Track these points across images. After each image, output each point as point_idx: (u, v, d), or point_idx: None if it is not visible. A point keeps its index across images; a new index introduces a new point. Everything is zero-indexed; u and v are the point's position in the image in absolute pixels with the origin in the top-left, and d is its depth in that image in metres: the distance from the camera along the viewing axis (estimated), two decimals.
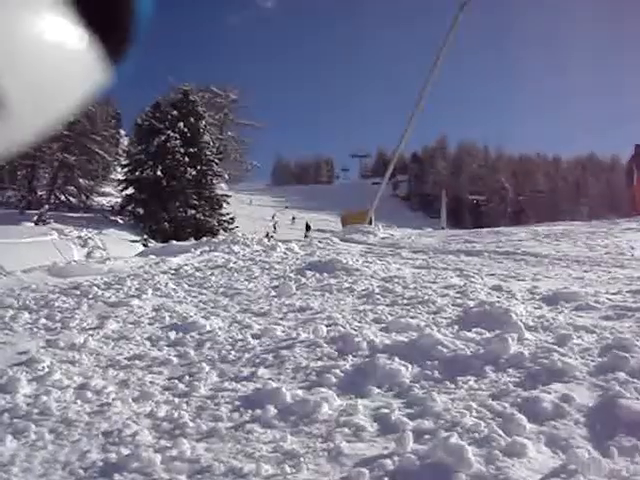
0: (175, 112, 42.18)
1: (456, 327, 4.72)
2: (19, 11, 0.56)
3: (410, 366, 3.73)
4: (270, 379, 3.73)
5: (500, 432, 2.70)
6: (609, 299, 5.54)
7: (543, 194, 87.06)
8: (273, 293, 6.72)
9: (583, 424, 2.80)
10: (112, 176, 49.21)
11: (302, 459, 2.64)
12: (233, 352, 4.39)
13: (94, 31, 0.62)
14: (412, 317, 5.16)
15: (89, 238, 27.49)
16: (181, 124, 41.60)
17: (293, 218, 64.86)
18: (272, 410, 3.16)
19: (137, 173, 41.93)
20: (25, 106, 0.60)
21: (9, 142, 0.62)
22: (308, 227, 40.06)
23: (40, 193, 41.98)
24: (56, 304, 6.18)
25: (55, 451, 2.85)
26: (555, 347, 3.88)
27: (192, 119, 42.55)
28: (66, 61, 0.62)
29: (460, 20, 22.67)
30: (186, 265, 9.17)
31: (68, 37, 0.61)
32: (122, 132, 60.21)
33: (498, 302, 5.40)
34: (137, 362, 4.29)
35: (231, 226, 42.84)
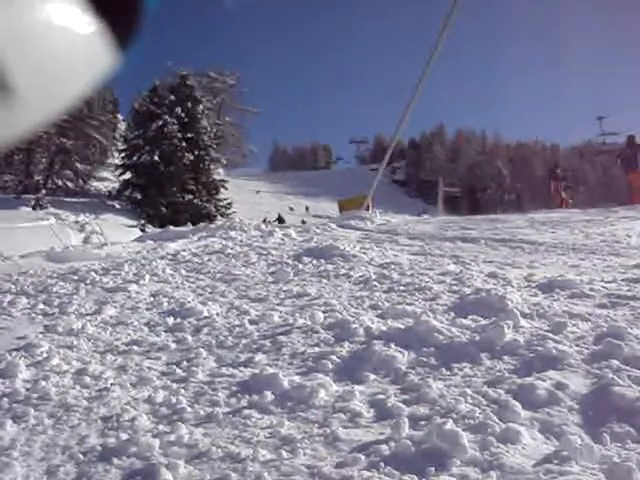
0: (173, 97, 42.08)
1: (452, 314, 4.74)
2: None
3: (406, 352, 3.76)
4: (267, 365, 3.77)
5: (495, 419, 2.73)
6: (604, 287, 5.56)
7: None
8: (270, 279, 6.74)
9: (576, 411, 2.84)
10: (109, 161, 49.02)
11: (299, 444, 2.67)
12: (230, 338, 4.41)
13: (102, 17, 0.63)
14: (408, 304, 5.18)
15: (86, 223, 27.55)
16: (179, 109, 41.51)
17: (307, 208, 64.45)
18: (269, 396, 3.19)
19: (134, 158, 41.90)
20: (33, 91, 0.61)
21: (18, 127, 0.63)
22: (281, 219, 36.36)
23: (37, 178, 41.87)
24: (54, 289, 6.20)
25: (54, 436, 2.88)
26: (550, 335, 3.91)
27: (190, 104, 42.46)
28: (74, 47, 0.63)
29: (458, 7, 22.49)
30: (184, 251, 9.18)
31: (76, 23, 0.62)
32: (119, 117, 59.93)
33: (494, 289, 5.41)
34: (135, 347, 4.31)
35: (228, 212, 42.84)
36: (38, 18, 0.58)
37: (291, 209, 63.04)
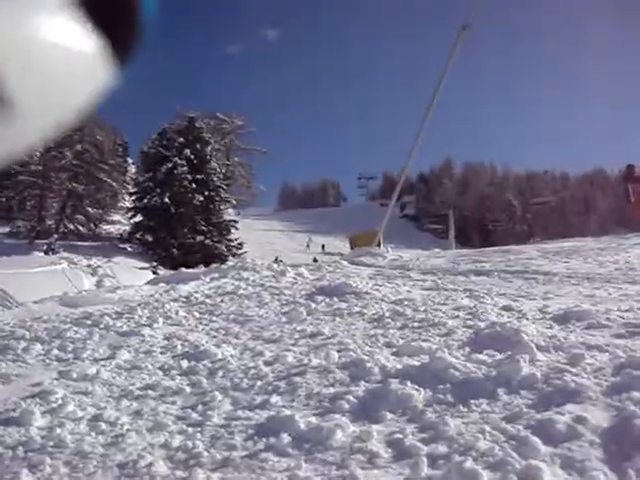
0: (181, 139, 42.54)
1: (467, 349, 4.71)
2: (27, 12, 0.58)
3: (422, 390, 3.72)
4: (283, 406, 3.74)
5: (514, 455, 2.69)
6: (621, 316, 5.51)
7: (548, 204, 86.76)
8: (284, 319, 6.73)
9: (598, 445, 2.78)
10: (120, 204, 49.53)
11: None
12: (245, 380, 4.39)
13: (101, 32, 0.64)
14: (423, 340, 5.15)
15: (98, 266, 27.66)
16: (187, 151, 41.93)
17: (323, 246, 64.24)
18: (286, 438, 3.16)
19: (145, 201, 42.22)
20: (33, 107, 0.61)
21: (17, 142, 0.64)
22: (277, 260, 31.25)
23: (49, 223, 42.22)
24: (68, 334, 6.20)
25: None
26: (567, 367, 3.86)
27: (198, 146, 42.90)
28: (73, 62, 0.63)
29: (463, 40, 22.78)
30: (196, 292, 9.20)
31: (75, 38, 0.62)
32: (129, 160, 60.65)
33: (509, 323, 5.37)
34: (150, 392, 4.30)
35: (240, 251, 42.95)
36: (37, 33, 0.59)
37: (307, 246, 63.08)
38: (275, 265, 12.65)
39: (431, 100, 23.58)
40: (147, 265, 33.91)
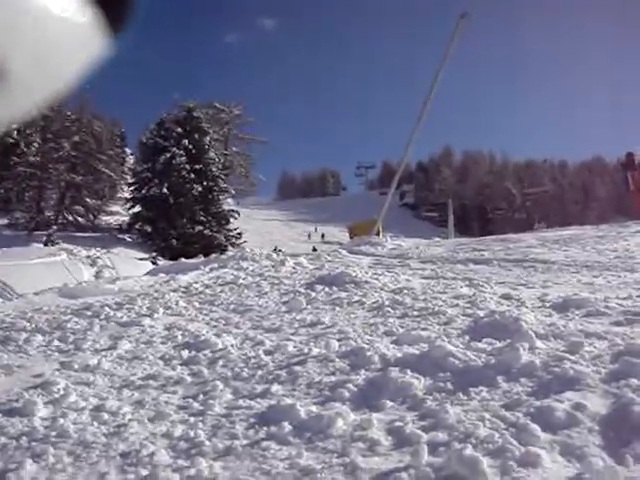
0: (179, 129, 42.40)
1: (467, 337, 4.73)
2: None
3: (422, 378, 3.74)
4: (284, 395, 3.75)
5: (514, 442, 2.71)
6: (619, 304, 5.54)
7: (547, 191, 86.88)
8: (284, 308, 6.74)
9: (597, 432, 2.80)
10: (119, 195, 49.47)
11: (318, 475, 2.65)
12: (246, 369, 4.41)
13: (95, 2, 0.64)
14: (423, 329, 5.18)
15: (98, 257, 27.65)
16: (186, 141, 41.81)
17: (322, 235, 65.23)
18: (287, 427, 3.18)
19: (143, 191, 42.15)
20: (29, 75, 0.61)
21: (14, 110, 0.64)
22: (277, 250, 26.01)
23: (48, 214, 42.18)
24: (68, 325, 6.22)
25: (74, 473, 2.87)
26: (566, 355, 3.88)
27: (197, 136, 42.76)
28: (67, 32, 0.64)
29: (461, 30, 22.71)
30: (196, 283, 9.21)
31: (69, 8, 0.63)
32: (128, 151, 60.56)
33: (508, 311, 5.39)
34: (151, 382, 4.31)
35: (239, 241, 42.94)
36: (32, 4, 0.59)
37: (309, 237, 63.30)
38: (274, 255, 12.66)
39: (430, 89, 23.54)
40: (146, 256, 33.90)
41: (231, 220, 44.71)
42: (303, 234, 66.15)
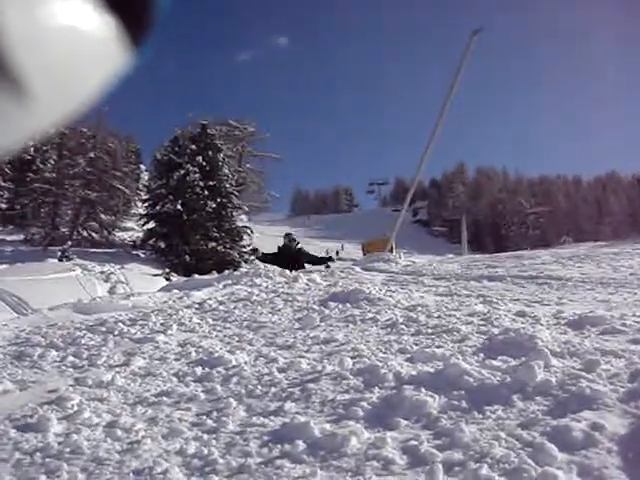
0: (194, 146, 42.59)
1: (481, 355, 4.70)
2: None
3: (437, 397, 3.72)
4: (298, 413, 3.74)
5: (530, 462, 2.68)
6: (636, 322, 5.49)
7: (551, 211, 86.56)
8: (297, 325, 6.73)
9: (616, 453, 2.76)
10: (133, 211, 49.69)
11: None
12: (260, 387, 4.39)
13: (114, 14, 0.64)
14: (437, 346, 5.15)
15: (112, 273, 27.73)
16: (200, 158, 41.96)
17: (337, 252, 64.96)
18: (301, 445, 3.17)
19: (158, 207, 42.28)
20: (47, 91, 0.61)
21: (32, 128, 0.64)
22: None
23: (63, 230, 42.42)
24: (83, 341, 6.23)
25: None
26: (583, 373, 3.85)
27: (210, 152, 42.92)
28: (87, 45, 0.63)
29: (474, 46, 22.77)
30: (210, 299, 9.21)
31: (89, 20, 0.62)
32: (142, 167, 60.94)
33: (523, 328, 5.35)
34: (165, 399, 4.31)
35: (252, 257, 42.93)
36: (50, 16, 0.59)
37: (337, 254, 63.22)
38: (287, 271, 12.66)
39: (443, 105, 23.58)
40: (160, 272, 33.95)
41: (244, 237, 44.76)
42: (319, 252, 65.92)
